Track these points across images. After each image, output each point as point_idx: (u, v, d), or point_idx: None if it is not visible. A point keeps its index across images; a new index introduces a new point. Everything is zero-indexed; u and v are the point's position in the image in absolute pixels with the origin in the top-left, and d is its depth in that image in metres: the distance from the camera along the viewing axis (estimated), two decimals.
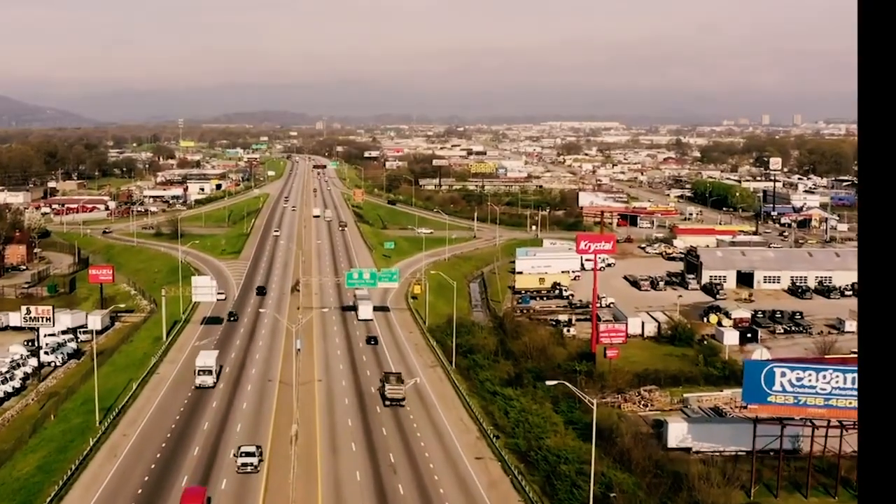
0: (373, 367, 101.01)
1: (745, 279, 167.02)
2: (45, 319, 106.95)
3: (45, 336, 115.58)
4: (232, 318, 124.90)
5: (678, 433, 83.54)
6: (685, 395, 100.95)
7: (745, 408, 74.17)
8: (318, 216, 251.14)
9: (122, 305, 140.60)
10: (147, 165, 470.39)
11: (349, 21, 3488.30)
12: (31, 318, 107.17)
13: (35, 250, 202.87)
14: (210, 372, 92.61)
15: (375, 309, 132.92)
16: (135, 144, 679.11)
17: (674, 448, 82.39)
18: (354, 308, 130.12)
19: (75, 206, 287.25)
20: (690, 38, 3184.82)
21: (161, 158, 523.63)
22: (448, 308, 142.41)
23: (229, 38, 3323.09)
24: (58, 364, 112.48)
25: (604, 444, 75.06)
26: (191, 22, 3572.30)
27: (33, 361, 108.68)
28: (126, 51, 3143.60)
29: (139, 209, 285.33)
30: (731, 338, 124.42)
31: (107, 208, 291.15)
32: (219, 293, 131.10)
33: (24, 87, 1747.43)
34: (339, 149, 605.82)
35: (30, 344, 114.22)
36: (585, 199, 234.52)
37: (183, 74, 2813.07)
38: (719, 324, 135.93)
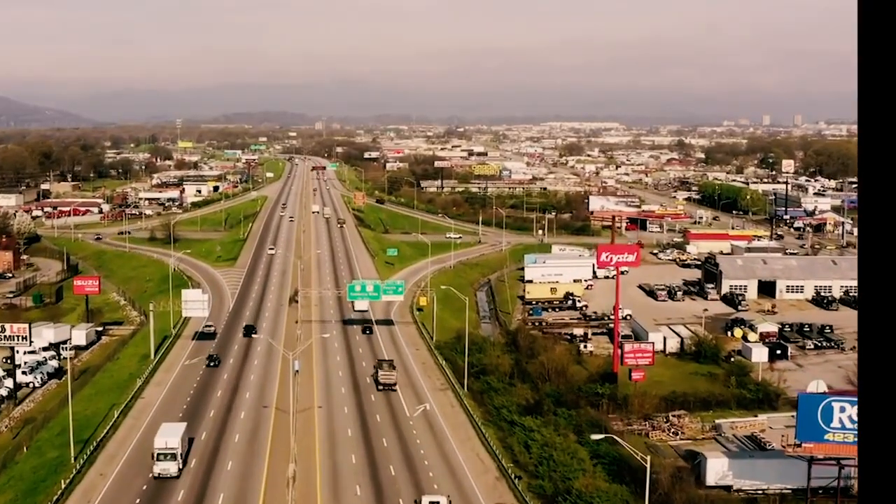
0: (378, 392, 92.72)
1: (766, 288, 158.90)
2: (20, 338, 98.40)
3: (24, 353, 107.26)
4: (212, 364, 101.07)
5: (718, 469, 75.37)
6: (717, 422, 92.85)
7: (799, 446, 65.73)
8: (316, 212, 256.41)
9: (101, 328, 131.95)
10: (143, 167, 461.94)
11: (349, 21, 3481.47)
12: (5, 336, 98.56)
13: (22, 256, 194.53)
14: (174, 456, 68.34)
15: (378, 322, 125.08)
16: (132, 145, 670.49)
17: (713, 486, 74.30)
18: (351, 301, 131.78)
19: (67, 208, 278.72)
20: (690, 38, 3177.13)
21: (158, 159, 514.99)
22: (456, 320, 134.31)
23: (229, 38, 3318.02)
24: (36, 385, 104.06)
25: (637, 485, 66.97)
26: (191, 22, 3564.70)
27: (9, 383, 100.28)
28: (126, 51, 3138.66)
29: (133, 212, 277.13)
30: (759, 354, 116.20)
31: (100, 211, 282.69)
32: (206, 326, 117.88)
33: (23, 87, 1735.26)
34: (339, 149, 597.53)
35: (6, 362, 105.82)
36: (596, 203, 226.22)
37: (183, 74, 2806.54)
38: (745, 338, 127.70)
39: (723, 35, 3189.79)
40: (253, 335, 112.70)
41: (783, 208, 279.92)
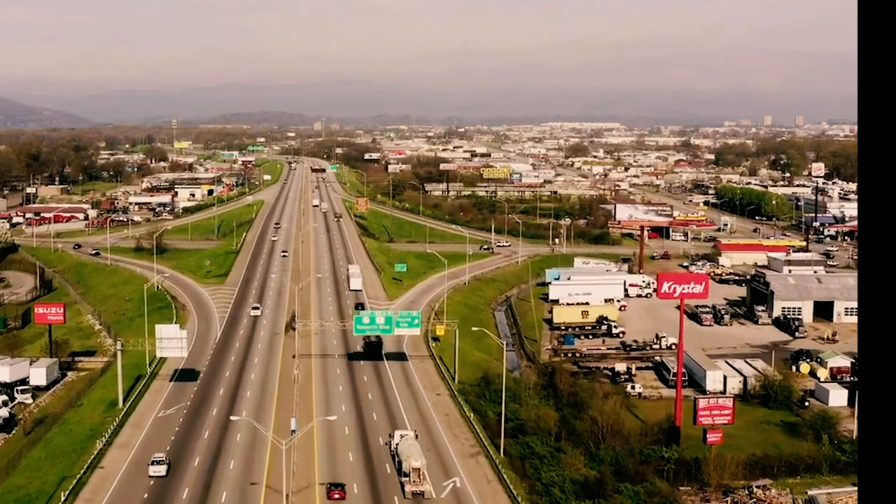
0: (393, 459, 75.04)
1: (821, 310, 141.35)
2: None
3: None
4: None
5: None
6: (811, 493, 75.31)
7: None
8: (316, 206, 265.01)
9: (70, 359, 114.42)
10: (136, 168, 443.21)
11: (349, 21, 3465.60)
12: None
13: None
14: None
15: (389, 357, 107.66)
16: (128, 146, 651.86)
17: None
18: (347, 280, 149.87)
19: (50, 215, 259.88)
20: (690, 38, 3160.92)
21: (153, 161, 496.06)
22: (477, 350, 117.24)
23: (229, 38, 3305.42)
24: None
25: None
26: (190, 23, 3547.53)
27: None
28: (126, 51, 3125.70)
29: (121, 218, 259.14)
30: (837, 397, 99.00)
31: (86, 217, 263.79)
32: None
33: (21, 87, 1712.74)
34: (339, 150, 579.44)
35: None
36: (623, 213, 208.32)
37: (182, 75, 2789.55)
38: (813, 374, 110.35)
39: (723, 35, 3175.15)
40: None
41: (811, 214, 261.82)
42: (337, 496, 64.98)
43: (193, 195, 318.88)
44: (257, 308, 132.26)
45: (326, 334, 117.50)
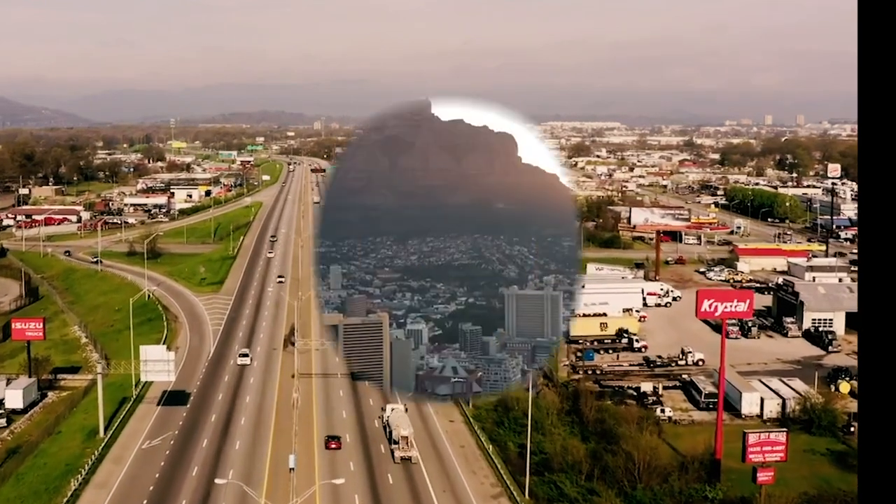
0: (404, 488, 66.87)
1: (853, 321, 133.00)
2: None
3: None
4: None
5: None
6: None
7: None
8: (317, 203, 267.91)
9: (52, 377, 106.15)
10: (132, 168, 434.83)
11: (349, 21, 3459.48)
12: None
13: None
14: None
15: None
16: (125, 146, 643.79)
17: None
18: None
19: (42, 217, 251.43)
20: (690, 38, 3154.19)
21: (150, 161, 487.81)
22: None
23: (228, 38, 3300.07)
24: None
25: None
26: (190, 22, 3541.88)
27: None
28: (125, 51, 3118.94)
29: (115, 220, 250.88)
30: None
31: (79, 220, 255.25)
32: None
33: (21, 87, 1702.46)
34: (339, 150, 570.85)
35: None
36: (639, 217, 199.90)
37: (181, 74, 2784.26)
38: (853, 395, 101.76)
39: (724, 35, 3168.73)
40: None
41: (825, 217, 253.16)
42: None
43: (190, 196, 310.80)
44: (246, 355, 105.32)
45: (328, 350, 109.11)
